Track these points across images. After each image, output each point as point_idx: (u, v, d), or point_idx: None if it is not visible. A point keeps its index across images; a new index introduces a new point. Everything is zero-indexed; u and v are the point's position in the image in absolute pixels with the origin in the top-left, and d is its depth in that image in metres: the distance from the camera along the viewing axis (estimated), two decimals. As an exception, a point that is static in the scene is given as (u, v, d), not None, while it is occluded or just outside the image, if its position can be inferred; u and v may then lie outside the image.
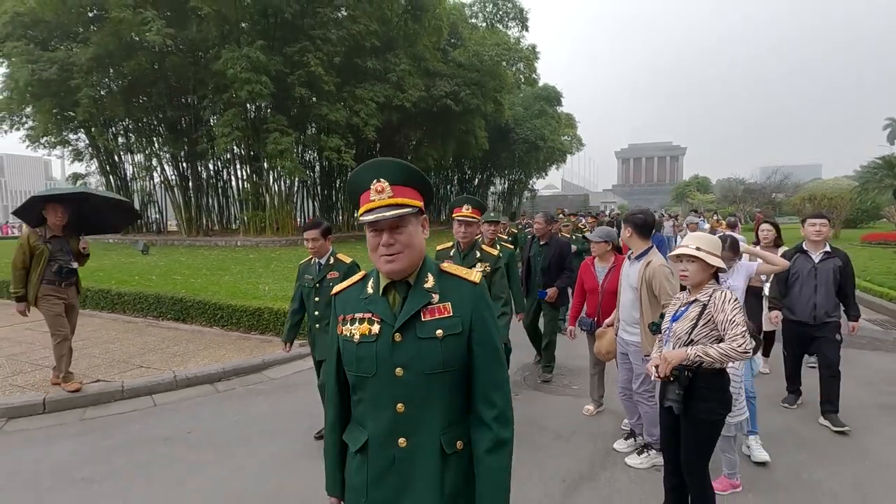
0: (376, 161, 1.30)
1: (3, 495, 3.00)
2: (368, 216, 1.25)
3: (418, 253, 1.31)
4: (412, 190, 1.30)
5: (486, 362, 1.31)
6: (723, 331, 2.29)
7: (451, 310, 1.29)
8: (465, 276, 1.35)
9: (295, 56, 16.61)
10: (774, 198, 37.40)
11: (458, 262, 3.46)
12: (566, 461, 3.26)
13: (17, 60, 16.13)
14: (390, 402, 1.28)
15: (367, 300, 1.34)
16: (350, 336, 1.33)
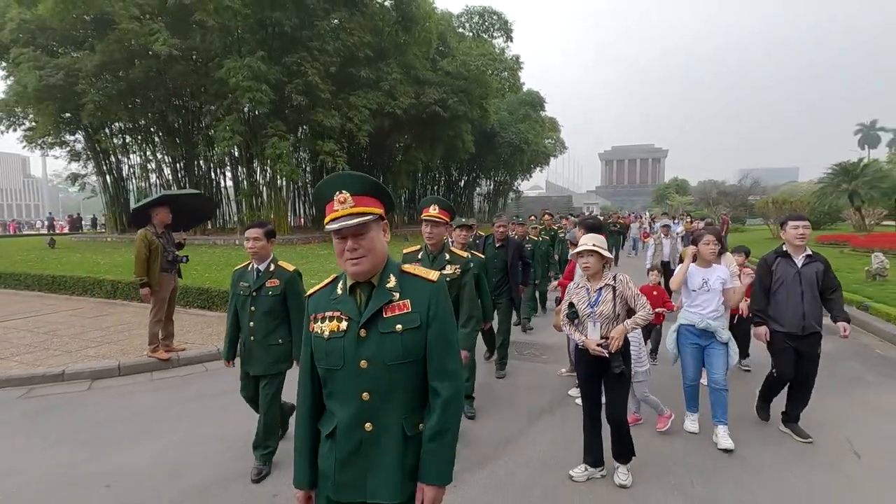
0: (338, 175, 1.48)
1: (120, 424, 4.07)
2: (333, 225, 1.41)
3: (381, 256, 1.47)
4: (372, 199, 1.47)
5: (437, 352, 1.46)
6: (634, 303, 3.00)
7: (409, 306, 1.45)
8: (423, 276, 1.51)
9: (293, 66, 17.62)
10: (748, 200, 39.20)
11: (427, 265, 3.34)
12: (533, 403, 4.44)
13: (24, 66, 16.80)
14: (356, 391, 1.44)
15: (336, 300, 1.50)
16: (321, 333, 1.49)
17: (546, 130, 37.37)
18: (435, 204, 3.48)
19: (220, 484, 3.10)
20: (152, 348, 5.56)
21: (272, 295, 3.15)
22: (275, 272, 3.21)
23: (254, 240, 3.17)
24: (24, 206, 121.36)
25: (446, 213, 3.51)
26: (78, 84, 17.48)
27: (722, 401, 3.58)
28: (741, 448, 3.52)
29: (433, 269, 3.13)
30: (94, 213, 60.00)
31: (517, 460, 3.39)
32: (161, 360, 5.48)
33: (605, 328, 2.99)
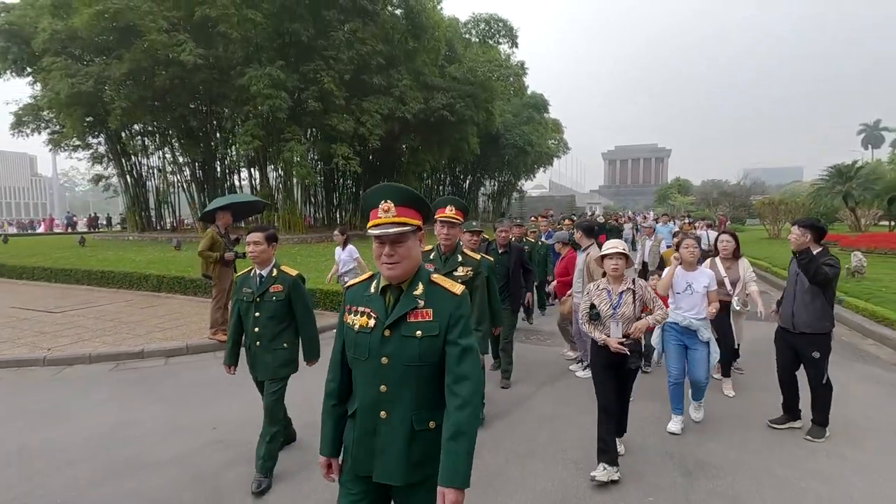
0: (386, 185, 1.64)
1: (202, 389, 5.01)
2: (375, 230, 1.58)
3: (414, 263, 1.64)
4: (413, 211, 1.63)
5: (456, 358, 1.59)
6: (652, 306, 3.26)
7: (431, 315, 1.61)
8: (449, 288, 1.67)
9: (310, 74, 18.57)
10: (750, 201, 39.87)
11: (439, 265, 3.43)
12: (539, 376, 5.35)
13: (56, 74, 17.78)
14: (376, 382, 1.62)
15: (369, 297, 1.69)
16: (352, 324, 1.68)
17: (549, 132, 38.20)
18: (451, 204, 3.42)
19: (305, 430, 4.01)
20: (213, 331, 6.50)
21: (276, 300, 3.18)
22: (277, 277, 3.20)
23: (254, 244, 3.14)
24: (32, 204, 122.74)
25: (461, 214, 3.45)
26: (105, 90, 18.52)
27: (701, 389, 3.97)
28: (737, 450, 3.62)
29: (445, 270, 3.31)
30: (106, 212, 60.95)
31: (528, 414, 4.32)
32: (220, 342, 6.42)
33: (624, 328, 3.18)
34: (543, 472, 3.32)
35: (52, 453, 3.67)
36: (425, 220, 1.71)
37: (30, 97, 23.16)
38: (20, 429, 4.10)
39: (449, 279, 1.72)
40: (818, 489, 3.09)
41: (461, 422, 1.53)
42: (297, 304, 3.23)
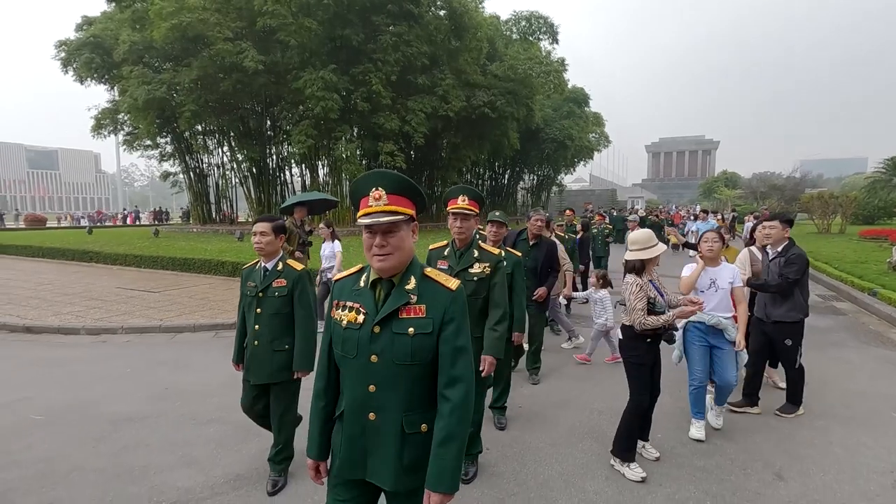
0: (376, 172, 1.53)
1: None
2: (365, 220, 1.48)
3: (406, 255, 1.54)
4: (406, 199, 1.53)
5: (448, 359, 1.52)
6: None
7: (424, 312, 1.52)
8: (443, 283, 1.57)
9: (359, 76, 19.78)
10: (805, 194, 38.45)
11: (454, 262, 3.10)
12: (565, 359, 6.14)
13: (134, 81, 19.70)
14: (365, 381, 1.54)
15: (358, 292, 1.60)
16: (339, 320, 1.58)
17: (590, 126, 38.17)
18: (463, 194, 3.04)
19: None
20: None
21: (279, 296, 2.94)
22: (283, 272, 2.96)
23: (260, 234, 2.93)
24: (96, 199, 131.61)
25: (475, 204, 3.04)
26: (174, 96, 20.36)
27: (727, 393, 3.85)
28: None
29: (460, 267, 3.04)
30: (161, 205, 64.85)
31: (565, 374, 5.13)
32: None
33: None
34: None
35: (195, 390, 4.79)
36: (419, 209, 1.60)
37: (107, 102, 25.55)
38: (163, 374, 5.28)
39: (444, 274, 1.62)
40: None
41: (452, 426, 1.49)
42: (299, 302, 2.96)
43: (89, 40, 22.21)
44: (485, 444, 3.50)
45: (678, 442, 3.72)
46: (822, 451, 3.59)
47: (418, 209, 1.61)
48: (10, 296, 9.15)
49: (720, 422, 3.95)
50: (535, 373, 5.00)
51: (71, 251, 14.85)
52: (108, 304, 8.52)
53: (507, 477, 3.24)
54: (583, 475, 3.26)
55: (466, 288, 2.61)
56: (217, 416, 4.19)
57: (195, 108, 19.96)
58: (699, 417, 3.79)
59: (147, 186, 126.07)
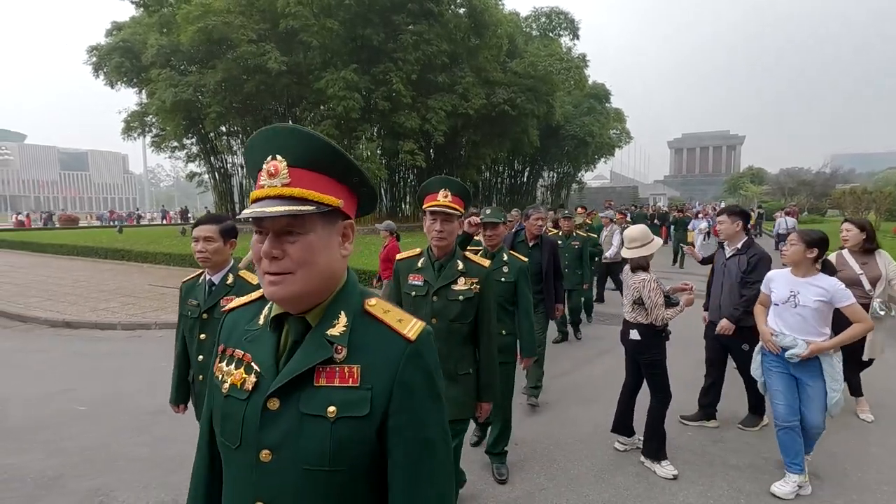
0: (275, 128, 0.85)
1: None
2: (249, 210, 0.82)
3: (325, 277, 0.86)
4: (324, 177, 0.85)
5: (405, 465, 0.85)
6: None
7: (358, 376, 0.84)
8: (394, 327, 0.89)
9: (379, 75, 19.92)
10: (836, 189, 37.36)
11: (431, 277, 2.33)
12: (599, 347, 6.12)
13: (162, 84, 20.19)
14: (250, 495, 0.85)
15: (251, 334, 0.93)
16: (220, 381, 0.92)
17: (611, 122, 37.66)
18: (445, 187, 2.26)
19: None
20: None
21: None
22: (234, 286, 2.28)
23: (204, 240, 2.26)
24: (123, 199, 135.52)
25: (460, 201, 2.28)
26: (199, 98, 20.81)
27: (813, 439, 3.07)
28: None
29: (440, 283, 2.24)
30: (185, 205, 66.46)
31: (590, 371, 5.12)
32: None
33: None
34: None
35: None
36: (358, 196, 0.95)
37: (136, 104, 26.27)
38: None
39: (400, 311, 0.94)
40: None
41: None
42: None
43: (119, 45, 22.84)
44: (513, 439, 3.53)
45: (709, 440, 3.69)
46: (859, 451, 3.52)
47: (356, 196, 0.94)
48: (49, 292, 9.52)
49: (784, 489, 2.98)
50: (536, 393, 4.29)
51: (104, 249, 15.36)
52: (140, 300, 8.80)
53: (537, 471, 3.27)
54: (613, 471, 3.27)
55: (449, 311, 2.27)
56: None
57: (220, 109, 20.37)
58: (790, 469, 2.97)
59: (172, 186, 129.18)
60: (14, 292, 9.54)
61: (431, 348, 0.91)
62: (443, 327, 2.25)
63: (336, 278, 0.91)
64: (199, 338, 2.29)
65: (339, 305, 0.90)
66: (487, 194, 35.11)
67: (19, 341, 6.76)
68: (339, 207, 0.88)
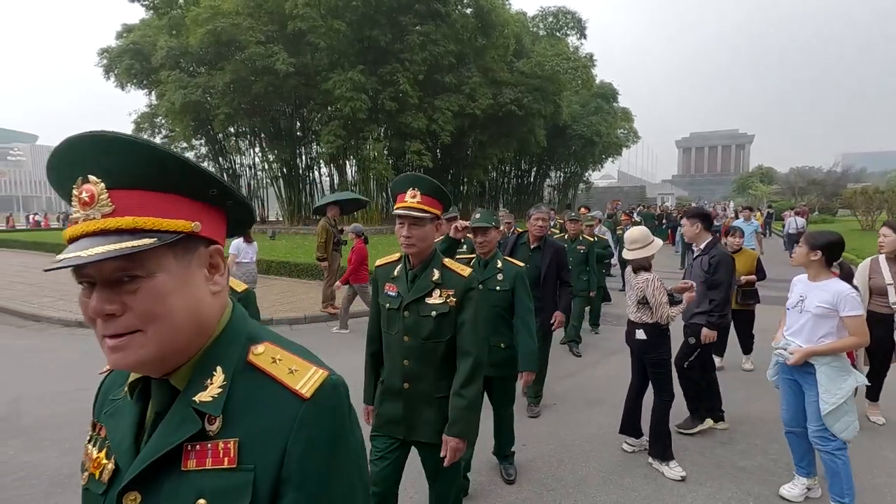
0: (80, 137, 0.63)
1: (324, 349, 6.24)
2: (59, 257, 0.62)
3: (190, 328, 0.67)
4: (165, 196, 0.65)
5: None
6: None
7: (235, 454, 0.64)
8: (285, 382, 0.68)
9: (386, 76, 19.99)
10: (847, 188, 36.96)
11: (404, 287, 2.02)
12: (608, 346, 6.10)
13: (171, 86, 20.39)
14: None
15: (113, 406, 0.75)
16: (82, 470, 0.75)
17: (619, 121, 37.49)
18: (414, 186, 1.96)
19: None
20: (324, 305, 7.79)
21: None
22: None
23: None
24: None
25: (434, 202, 2.00)
26: (208, 99, 20.99)
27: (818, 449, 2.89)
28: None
29: (412, 296, 1.95)
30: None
31: (597, 372, 5.12)
32: (331, 314, 7.69)
33: None
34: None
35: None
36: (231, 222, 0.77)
37: (146, 106, 26.56)
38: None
39: (300, 360, 0.72)
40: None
41: None
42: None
43: (129, 47, 23.10)
44: (520, 440, 3.54)
45: (717, 442, 3.68)
46: (870, 454, 3.50)
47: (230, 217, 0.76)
48: (62, 292, 9.66)
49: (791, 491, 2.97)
50: (536, 403, 4.20)
51: (114, 250, 15.48)
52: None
53: (544, 472, 3.28)
54: (621, 472, 3.27)
55: (421, 329, 1.95)
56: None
57: (228, 110, 20.55)
58: (797, 471, 3.01)
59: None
60: (28, 292, 9.70)
61: (333, 406, 0.69)
62: (415, 346, 1.98)
63: (207, 325, 0.70)
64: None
65: (213, 360, 0.69)
66: (494, 194, 35.11)
67: (33, 340, 6.87)
68: (194, 232, 0.67)
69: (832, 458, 2.73)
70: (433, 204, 1.97)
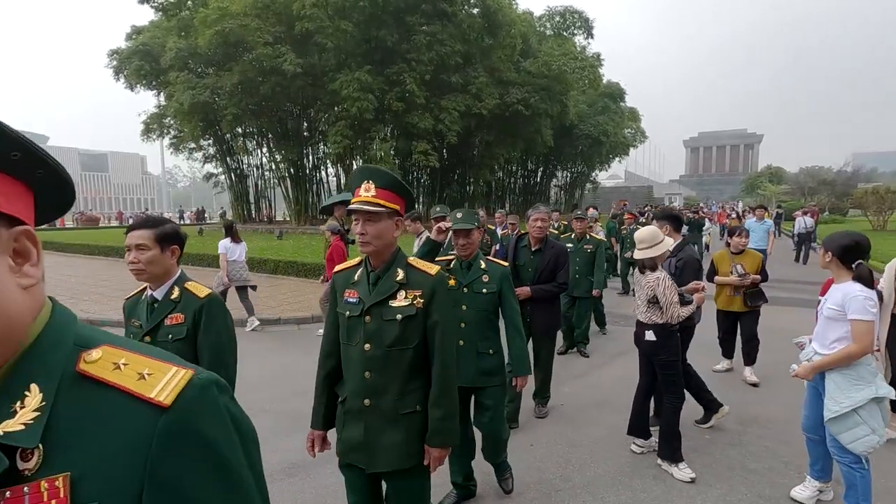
0: None
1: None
2: None
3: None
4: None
5: None
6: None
7: (66, 494, 0.50)
8: (135, 391, 0.54)
9: (393, 76, 20.05)
10: (858, 188, 36.58)
11: (365, 291, 1.81)
12: (614, 349, 6.08)
13: (180, 87, 20.56)
14: None
15: None
16: None
17: (626, 121, 37.36)
18: (368, 179, 1.77)
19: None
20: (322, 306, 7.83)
21: (174, 339, 1.87)
22: (179, 301, 1.90)
23: (136, 249, 1.85)
24: (142, 199, 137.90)
25: (392, 196, 1.79)
26: (216, 100, 21.15)
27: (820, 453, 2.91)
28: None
29: (373, 299, 1.76)
30: (201, 205, 67.51)
31: (606, 373, 5.11)
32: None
33: None
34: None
35: (247, 381, 5.01)
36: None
37: (154, 107, 26.79)
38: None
39: (147, 357, 0.58)
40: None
41: None
42: (206, 344, 1.88)
43: (139, 48, 23.32)
44: (528, 440, 3.54)
45: (728, 443, 3.66)
46: (882, 457, 3.45)
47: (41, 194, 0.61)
48: (72, 291, 9.76)
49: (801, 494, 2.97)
50: (544, 403, 4.17)
51: (123, 249, 15.66)
52: (160, 299, 8.98)
53: (553, 472, 3.27)
54: (630, 473, 3.26)
55: (385, 335, 1.77)
56: (270, 407, 4.38)
57: (236, 111, 20.68)
58: (811, 474, 2.97)
59: (189, 187, 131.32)
60: None
61: (205, 412, 0.55)
62: (378, 355, 1.78)
63: (13, 331, 0.53)
64: None
65: (24, 376, 0.53)
66: (500, 194, 35.09)
67: None
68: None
69: (850, 470, 2.64)
70: (391, 198, 1.79)
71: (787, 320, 6.71)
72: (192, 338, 1.89)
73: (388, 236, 1.82)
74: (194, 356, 1.89)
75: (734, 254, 4.96)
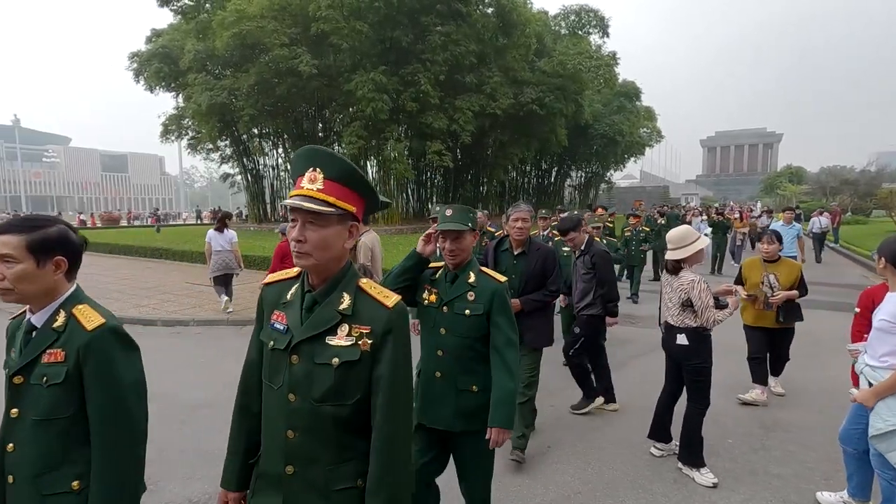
0: None
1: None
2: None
3: None
4: None
5: None
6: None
7: None
8: None
9: (408, 76, 20.12)
10: (883, 188, 35.74)
11: (296, 318, 1.29)
12: (627, 353, 6.01)
13: (198, 88, 20.87)
14: None
15: None
16: None
17: (641, 120, 36.94)
18: (315, 167, 1.26)
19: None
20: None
21: (49, 384, 1.34)
22: (64, 331, 1.38)
23: (2, 261, 1.34)
24: (160, 199, 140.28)
25: (347, 193, 1.28)
26: (235, 100, 21.42)
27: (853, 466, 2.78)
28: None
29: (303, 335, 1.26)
30: (218, 205, 68.56)
31: (622, 375, 5.05)
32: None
33: None
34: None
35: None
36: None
37: (173, 108, 27.24)
38: (231, 364, 5.58)
39: None
40: None
41: None
42: (96, 389, 1.37)
43: (158, 51, 23.72)
44: (546, 442, 3.52)
45: (750, 448, 3.59)
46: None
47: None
48: (95, 289, 9.97)
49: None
50: (522, 444, 3.35)
51: (143, 248, 16.00)
52: (179, 297, 9.13)
53: (571, 474, 3.25)
54: (650, 477, 3.21)
55: (316, 385, 1.25)
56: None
57: (253, 111, 20.93)
58: (849, 490, 2.83)
59: (206, 187, 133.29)
60: None
61: None
62: (305, 410, 1.26)
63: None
64: (10, 412, 1.37)
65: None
66: (514, 194, 34.95)
67: None
68: None
69: (890, 486, 2.48)
70: (344, 195, 1.27)
71: (804, 323, 6.55)
72: (74, 383, 1.35)
73: (337, 247, 1.28)
74: (78, 408, 1.36)
75: (766, 262, 4.35)
